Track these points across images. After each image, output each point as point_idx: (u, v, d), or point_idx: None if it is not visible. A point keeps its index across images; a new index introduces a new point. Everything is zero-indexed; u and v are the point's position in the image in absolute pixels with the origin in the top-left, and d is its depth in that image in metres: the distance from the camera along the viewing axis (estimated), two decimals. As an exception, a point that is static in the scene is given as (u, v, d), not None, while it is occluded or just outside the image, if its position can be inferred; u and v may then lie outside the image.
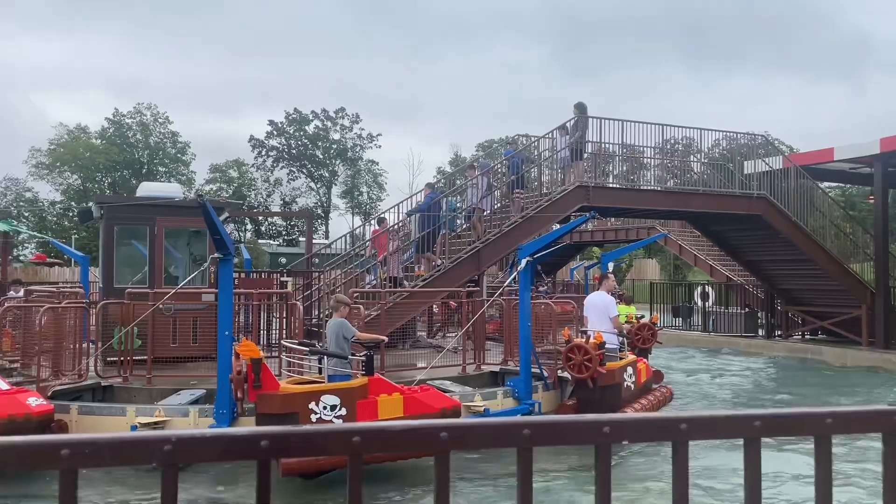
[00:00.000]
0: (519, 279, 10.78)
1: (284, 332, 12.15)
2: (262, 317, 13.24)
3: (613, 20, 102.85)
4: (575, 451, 8.90)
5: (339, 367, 8.28)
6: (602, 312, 10.90)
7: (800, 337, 22.10)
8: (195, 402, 9.61)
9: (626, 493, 7.70)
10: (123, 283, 12.08)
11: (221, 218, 13.05)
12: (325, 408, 7.72)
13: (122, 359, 10.55)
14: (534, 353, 11.01)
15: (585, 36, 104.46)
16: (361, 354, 8.45)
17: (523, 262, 10.43)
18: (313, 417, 7.62)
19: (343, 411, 7.79)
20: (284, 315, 12.33)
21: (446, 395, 9.30)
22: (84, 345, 10.88)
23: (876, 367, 17.77)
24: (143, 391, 10.16)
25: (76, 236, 50.10)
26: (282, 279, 16.31)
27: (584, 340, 10.34)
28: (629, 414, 1.33)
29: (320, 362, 8.57)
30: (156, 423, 8.93)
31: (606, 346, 10.39)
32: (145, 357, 10.42)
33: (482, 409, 10.11)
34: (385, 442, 1.26)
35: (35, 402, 8.57)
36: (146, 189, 13.56)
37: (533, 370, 10.91)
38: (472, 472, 8.43)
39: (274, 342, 12.86)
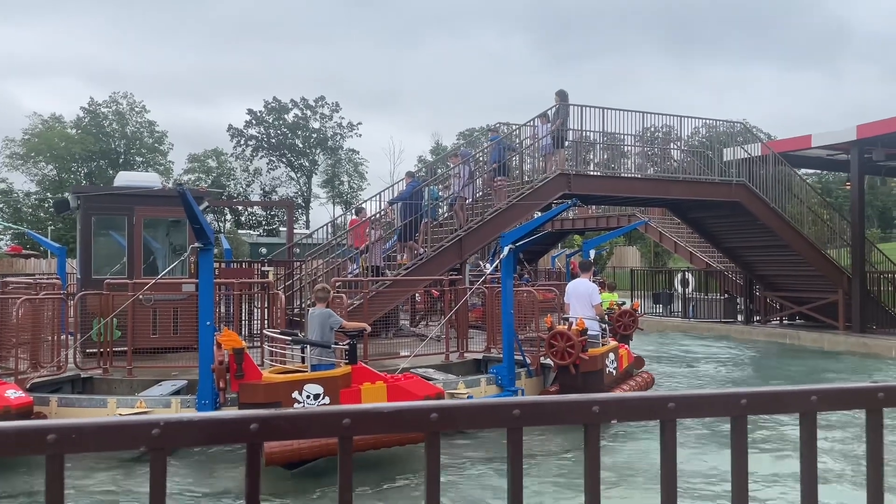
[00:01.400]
0: (501, 267, 10.79)
1: (266, 321, 12.09)
2: (242, 307, 13.16)
3: (595, 8, 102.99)
4: (559, 432, 8.98)
5: (322, 357, 8.26)
6: (585, 299, 10.95)
7: (778, 322, 22.38)
8: (176, 392, 9.55)
9: (615, 472, 7.76)
10: (102, 274, 11.95)
11: (201, 207, 12.93)
12: (308, 397, 7.72)
13: (101, 350, 10.44)
14: (516, 340, 11.06)
15: (567, 24, 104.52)
16: (344, 343, 8.43)
17: (506, 249, 10.44)
18: (296, 406, 7.60)
19: (326, 400, 7.78)
20: (266, 305, 12.27)
21: (430, 382, 9.31)
22: (62, 337, 10.75)
23: (852, 350, 18.05)
24: (123, 383, 10.07)
25: (52, 227, 49.44)
26: (263, 269, 16.22)
27: (566, 327, 10.39)
28: (618, 393, 1.33)
29: (303, 352, 8.54)
30: (137, 414, 8.86)
31: (588, 332, 10.45)
32: (125, 348, 10.32)
33: (465, 396, 10.14)
34: (375, 423, 1.26)
35: (14, 394, 8.47)
36: (124, 179, 13.38)
37: (516, 357, 10.95)
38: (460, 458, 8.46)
39: (255, 332, 12.81)
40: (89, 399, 9.43)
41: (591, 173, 17.38)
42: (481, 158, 17.09)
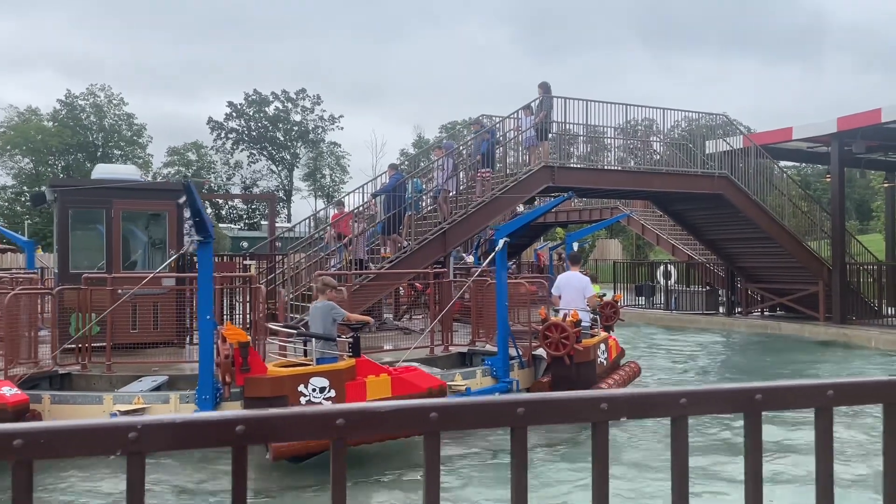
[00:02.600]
0: (496, 260, 10.85)
1: (248, 316, 11.94)
2: (223, 301, 12.99)
3: (577, 1, 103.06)
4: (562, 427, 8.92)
5: (325, 350, 8.22)
6: (578, 291, 11.11)
7: (759, 313, 22.53)
8: (157, 388, 9.39)
9: (623, 469, 7.65)
10: (79, 269, 11.72)
11: (180, 201, 12.74)
12: (314, 390, 7.68)
13: (80, 346, 10.24)
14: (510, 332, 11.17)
15: (550, 18, 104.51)
16: (348, 336, 8.39)
17: (500, 242, 10.53)
18: (302, 400, 7.59)
19: (332, 393, 7.76)
20: (248, 299, 12.12)
21: (432, 374, 9.28)
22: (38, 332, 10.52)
23: (832, 341, 18.21)
24: (102, 379, 9.88)
25: (29, 222, 48.72)
26: (244, 262, 16.03)
27: (560, 318, 10.50)
28: (626, 390, 1.26)
29: (305, 345, 8.50)
30: (135, 410, 8.71)
31: (581, 324, 10.61)
32: (104, 344, 10.12)
33: (463, 388, 10.16)
34: (371, 424, 1.17)
35: (9, 391, 8.24)
36: (101, 171, 13.15)
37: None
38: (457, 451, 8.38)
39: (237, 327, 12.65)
40: (83, 395, 9.15)
41: (575, 166, 17.36)
42: (465, 151, 17.00)
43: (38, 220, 48.39)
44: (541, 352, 11.53)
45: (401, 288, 17.46)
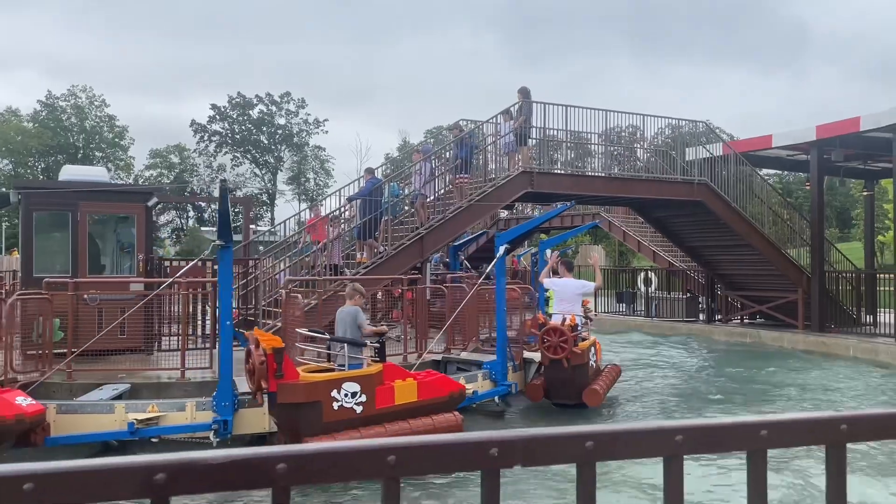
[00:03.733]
0: (496, 266, 11.09)
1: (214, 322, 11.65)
2: (188, 307, 12.68)
3: (566, 8, 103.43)
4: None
5: (353, 355, 8.30)
6: (577, 296, 11.31)
7: (739, 321, 22.49)
8: (119, 396, 9.11)
9: None
10: (45, 273, 11.40)
11: (150, 203, 12.47)
12: (346, 395, 7.74)
13: (41, 352, 9.93)
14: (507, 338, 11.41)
15: (538, 23, 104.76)
16: (374, 342, 8.57)
17: (501, 249, 10.79)
18: (335, 405, 7.67)
19: (363, 398, 7.84)
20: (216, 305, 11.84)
21: (453, 379, 9.52)
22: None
23: (811, 350, 18.15)
24: (63, 386, 9.58)
25: (7, 224, 48.04)
26: (215, 267, 15.71)
27: (559, 322, 10.70)
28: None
29: (329, 349, 8.59)
30: (149, 418, 8.49)
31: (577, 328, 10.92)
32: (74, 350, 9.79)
33: (470, 392, 10.28)
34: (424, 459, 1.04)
35: (25, 401, 7.90)
36: (69, 173, 12.84)
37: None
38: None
39: (206, 332, 12.38)
40: (92, 404, 8.75)
41: (555, 171, 17.21)
42: (445, 154, 16.79)
43: (16, 221, 47.71)
44: (531, 355, 11.95)
45: (379, 293, 17.21)
